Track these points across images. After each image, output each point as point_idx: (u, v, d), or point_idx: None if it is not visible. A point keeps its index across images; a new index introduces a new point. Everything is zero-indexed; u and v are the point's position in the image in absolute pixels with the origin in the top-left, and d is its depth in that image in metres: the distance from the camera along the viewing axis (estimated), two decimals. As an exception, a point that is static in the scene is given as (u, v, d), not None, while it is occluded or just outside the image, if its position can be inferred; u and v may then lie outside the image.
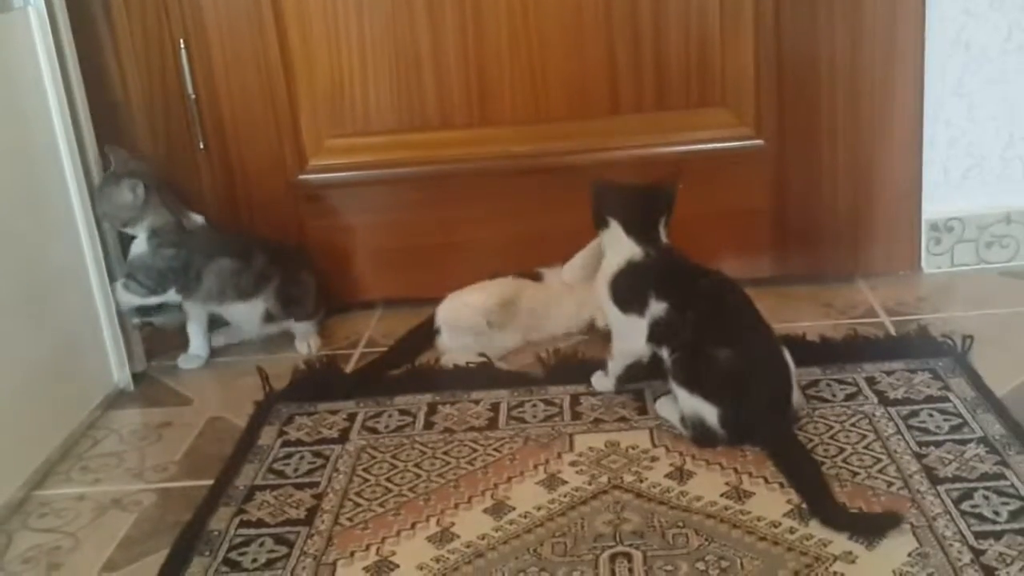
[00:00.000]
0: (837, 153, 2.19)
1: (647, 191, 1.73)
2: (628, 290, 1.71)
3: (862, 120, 2.17)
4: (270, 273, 2.13)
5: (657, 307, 1.66)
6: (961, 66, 2.15)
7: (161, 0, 2.15)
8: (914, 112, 2.16)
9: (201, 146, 2.24)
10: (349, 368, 2.06)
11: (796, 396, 1.67)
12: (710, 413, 1.61)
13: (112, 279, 2.02)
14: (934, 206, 2.23)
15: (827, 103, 2.17)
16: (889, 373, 1.82)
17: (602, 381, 1.84)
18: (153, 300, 2.09)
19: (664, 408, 1.73)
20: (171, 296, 2.09)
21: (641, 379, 1.81)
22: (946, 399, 1.72)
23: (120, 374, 2.03)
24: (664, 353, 1.67)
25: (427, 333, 2.08)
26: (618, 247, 1.72)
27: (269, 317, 2.15)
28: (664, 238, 1.72)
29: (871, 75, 2.14)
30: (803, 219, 2.24)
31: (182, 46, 2.16)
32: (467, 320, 2.05)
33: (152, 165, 2.10)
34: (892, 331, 2.01)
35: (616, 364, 1.80)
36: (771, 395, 1.62)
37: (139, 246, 2.05)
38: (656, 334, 1.67)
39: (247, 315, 2.15)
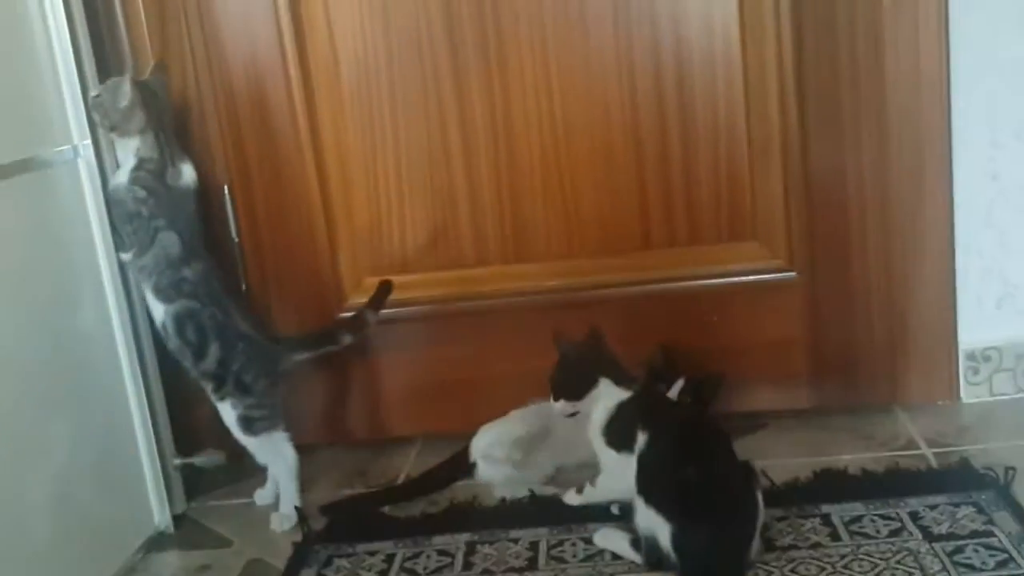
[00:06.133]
0: (870, 283, 2.20)
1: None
2: (619, 430, 1.75)
3: (894, 251, 2.18)
4: (188, 292, 1.94)
5: (641, 438, 1.69)
6: (991, 197, 2.17)
7: (206, 147, 2.21)
8: (945, 242, 2.17)
9: (243, 287, 2.27)
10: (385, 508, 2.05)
11: (756, 542, 1.65)
12: (663, 530, 1.59)
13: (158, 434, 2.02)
14: (970, 335, 2.22)
15: (857, 234, 2.18)
16: (933, 507, 1.80)
17: (572, 497, 1.88)
18: (124, 258, 1.93)
19: (606, 539, 1.77)
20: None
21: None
22: (991, 533, 1.70)
23: (161, 516, 2.03)
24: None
25: (459, 463, 2.11)
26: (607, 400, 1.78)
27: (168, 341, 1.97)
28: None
29: (900, 206, 2.15)
30: (838, 349, 2.23)
31: (226, 191, 2.23)
32: (501, 454, 2.07)
33: (168, 99, 2.04)
34: (934, 463, 1.99)
35: (597, 494, 1.83)
36: (728, 525, 1.60)
37: (120, 176, 1.93)
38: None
39: (155, 316, 1.98)
